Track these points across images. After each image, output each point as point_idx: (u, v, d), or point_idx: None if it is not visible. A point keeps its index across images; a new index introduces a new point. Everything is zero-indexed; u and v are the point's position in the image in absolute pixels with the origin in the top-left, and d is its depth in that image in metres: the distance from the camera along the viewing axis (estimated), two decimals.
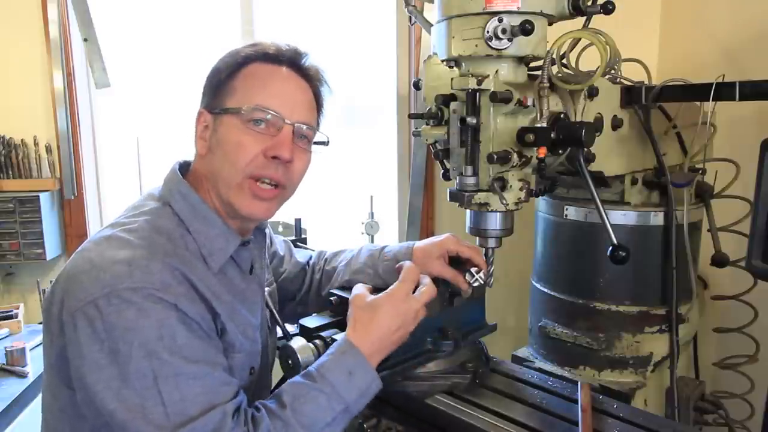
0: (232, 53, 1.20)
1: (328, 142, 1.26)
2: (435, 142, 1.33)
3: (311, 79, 1.23)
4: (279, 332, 1.44)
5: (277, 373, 1.41)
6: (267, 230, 1.47)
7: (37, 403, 2.16)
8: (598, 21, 1.23)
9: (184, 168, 1.24)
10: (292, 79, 1.20)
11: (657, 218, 1.49)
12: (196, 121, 1.20)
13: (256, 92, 1.15)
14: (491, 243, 1.35)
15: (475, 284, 1.37)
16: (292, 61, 1.20)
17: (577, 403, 1.23)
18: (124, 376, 0.97)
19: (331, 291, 1.44)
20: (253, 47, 1.19)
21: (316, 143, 1.25)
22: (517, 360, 1.68)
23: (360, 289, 1.23)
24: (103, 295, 0.98)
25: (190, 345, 1.02)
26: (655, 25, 2.31)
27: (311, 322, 1.35)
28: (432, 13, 1.30)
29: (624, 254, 1.17)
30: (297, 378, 1.11)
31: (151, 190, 1.23)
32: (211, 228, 1.16)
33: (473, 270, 1.37)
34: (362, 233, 2.72)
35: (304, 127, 1.19)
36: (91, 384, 0.98)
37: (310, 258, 1.62)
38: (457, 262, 1.42)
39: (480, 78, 1.17)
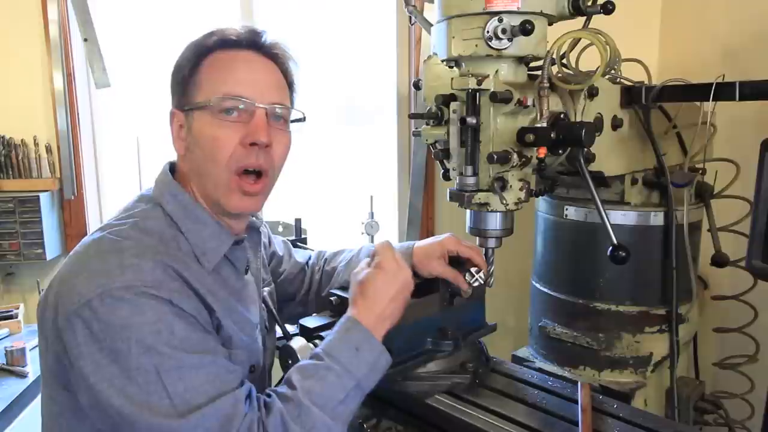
0: (190, 46, 1.18)
1: (304, 118, 1.24)
2: (435, 142, 1.33)
3: (276, 57, 1.20)
4: (279, 332, 1.44)
5: (277, 374, 1.41)
6: (265, 230, 1.47)
7: (37, 403, 2.16)
8: (598, 21, 1.23)
9: (174, 168, 1.24)
10: (255, 61, 1.17)
11: (657, 218, 1.49)
12: (170, 122, 1.19)
13: (222, 82, 1.12)
14: (491, 243, 1.35)
15: (475, 284, 1.37)
16: (251, 42, 1.17)
17: (577, 403, 1.23)
18: (126, 373, 0.97)
19: (331, 291, 1.44)
20: (211, 36, 1.17)
21: (293, 122, 1.23)
22: (517, 360, 1.68)
23: (360, 265, 1.23)
24: (96, 296, 0.98)
25: (189, 338, 1.02)
26: (655, 25, 2.30)
27: (311, 322, 1.35)
28: (432, 13, 1.30)
29: (624, 254, 1.17)
30: (305, 360, 1.11)
31: (143, 191, 1.22)
32: (203, 228, 1.15)
33: (473, 270, 1.37)
34: (362, 233, 2.72)
35: (277, 108, 1.16)
36: (95, 384, 0.98)
37: (310, 258, 1.62)
38: (457, 262, 1.42)
39: (480, 78, 1.17)
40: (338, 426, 1.05)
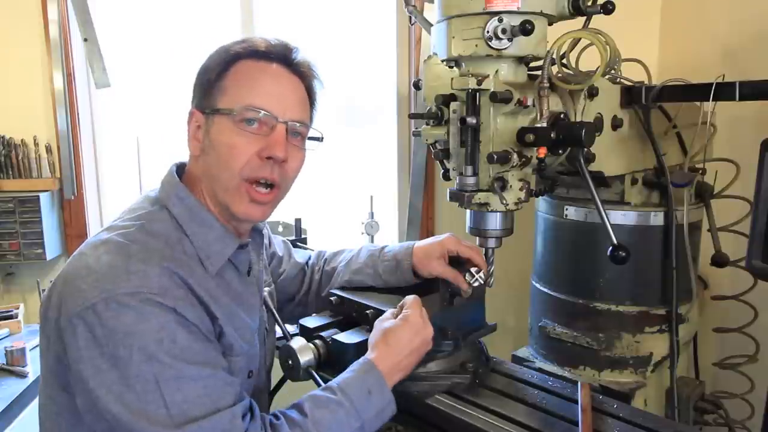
0: (220, 51, 1.18)
1: (322, 138, 1.25)
2: (435, 142, 1.33)
3: (303, 75, 1.21)
4: (278, 332, 1.44)
5: (276, 374, 1.41)
6: (265, 231, 1.47)
7: (37, 403, 2.15)
8: (598, 21, 1.23)
9: (181, 169, 1.24)
10: (283, 76, 1.18)
11: (657, 218, 1.49)
12: (188, 121, 1.19)
13: (247, 91, 1.13)
14: (491, 243, 1.35)
15: (475, 284, 1.37)
16: (282, 57, 1.18)
17: (577, 403, 1.23)
18: (125, 380, 0.97)
19: (332, 291, 1.45)
20: (242, 44, 1.17)
21: (310, 139, 1.24)
22: (517, 360, 1.68)
23: (386, 314, 1.25)
24: (102, 300, 0.98)
25: (190, 348, 1.02)
26: (655, 25, 2.31)
27: (311, 322, 1.35)
28: (432, 13, 1.30)
29: (624, 254, 1.17)
30: (318, 391, 1.12)
31: (148, 192, 1.22)
32: (208, 231, 1.16)
33: (473, 270, 1.37)
34: (362, 233, 2.72)
35: (298, 124, 1.18)
36: (94, 388, 0.98)
37: (309, 258, 1.62)
38: (458, 262, 1.42)
39: (480, 78, 1.17)
40: None
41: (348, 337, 1.28)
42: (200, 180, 1.18)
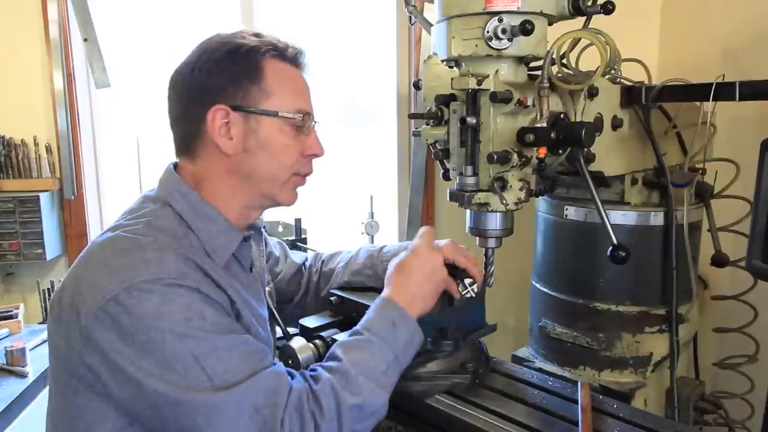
0: (245, 49, 1.16)
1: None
2: (435, 142, 1.33)
3: (306, 74, 1.28)
4: (279, 332, 1.44)
5: None
6: (262, 230, 1.47)
7: (37, 403, 2.16)
8: (598, 21, 1.23)
9: (176, 168, 1.24)
10: (304, 79, 1.26)
11: (657, 218, 1.49)
12: (211, 117, 1.14)
13: (296, 96, 1.21)
14: (491, 243, 1.34)
15: (467, 296, 1.36)
16: (300, 60, 1.25)
17: (577, 403, 1.23)
18: (163, 362, 0.98)
19: (332, 291, 1.45)
20: (266, 43, 1.18)
21: None
22: (517, 360, 1.68)
23: (398, 255, 1.28)
24: (123, 290, 0.99)
25: (219, 322, 1.04)
26: (655, 25, 2.31)
27: (311, 322, 1.35)
28: (432, 13, 1.30)
29: (624, 254, 1.17)
30: (343, 338, 1.16)
31: (146, 193, 1.23)
32: (212, 225, 1.17)
33: (467, 281, 1.36)
34: (362, 233, 2.72)
35: (319, 123, 1.27)
36: (133, 374, 0.98)
37: (306, 260, 1.62)
38: (455, 267, 1.41)
39: (480, 78, 1.17)
40: (385, 395, 1.09)
41: None
42: (218, 177, 1.18)
